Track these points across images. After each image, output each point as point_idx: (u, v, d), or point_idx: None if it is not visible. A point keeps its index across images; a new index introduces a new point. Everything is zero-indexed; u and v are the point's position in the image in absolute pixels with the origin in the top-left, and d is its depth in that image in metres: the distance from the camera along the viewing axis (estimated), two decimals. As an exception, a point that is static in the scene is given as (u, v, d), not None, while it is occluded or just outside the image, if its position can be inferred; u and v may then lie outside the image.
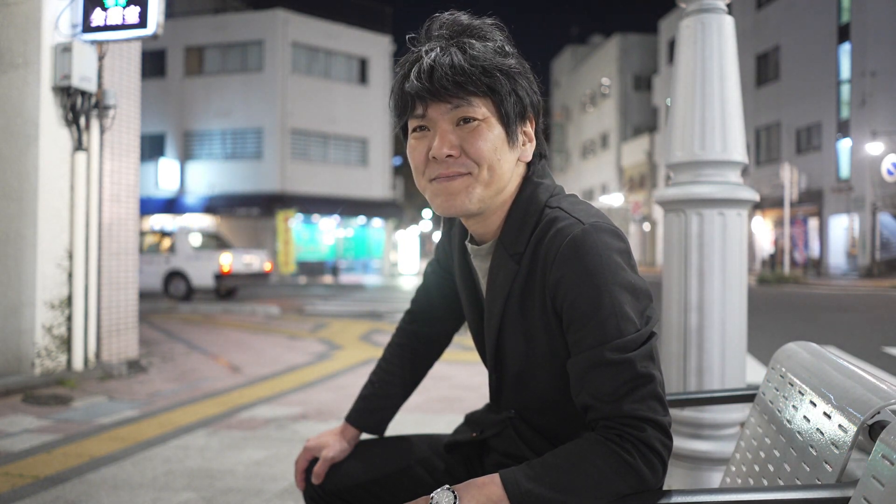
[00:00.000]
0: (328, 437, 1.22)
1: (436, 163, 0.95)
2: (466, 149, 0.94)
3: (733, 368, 1.99)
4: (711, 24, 2.00)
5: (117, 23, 4.80)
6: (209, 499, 2.56)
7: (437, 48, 0.94)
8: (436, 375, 5.01)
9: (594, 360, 0.88)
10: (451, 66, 0.91)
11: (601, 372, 0.87)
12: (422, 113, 0.95)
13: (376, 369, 1.30)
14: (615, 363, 0.87)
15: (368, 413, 1.26)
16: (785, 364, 1.16)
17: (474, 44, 0.94)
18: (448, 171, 0.95)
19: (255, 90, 23.86)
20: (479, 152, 0.94)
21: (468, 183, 0.95)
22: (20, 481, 2.72)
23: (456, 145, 0.94)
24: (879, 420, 0.86)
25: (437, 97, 0.93)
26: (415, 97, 0.94)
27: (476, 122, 0.94)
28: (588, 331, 0.89)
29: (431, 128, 0.96)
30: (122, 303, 5.37)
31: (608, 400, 0.87)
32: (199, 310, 10.98)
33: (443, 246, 1.26)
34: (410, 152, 0.99)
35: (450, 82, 0.91)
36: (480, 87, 0.93)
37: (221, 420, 3.76)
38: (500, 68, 0.94)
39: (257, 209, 23.47)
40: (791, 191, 21.10)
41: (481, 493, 0.86)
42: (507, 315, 1.02)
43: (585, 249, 0.89)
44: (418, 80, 0.93)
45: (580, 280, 0.89)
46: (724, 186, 1.96)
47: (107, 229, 5.21)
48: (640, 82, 38.01)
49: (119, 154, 5.35)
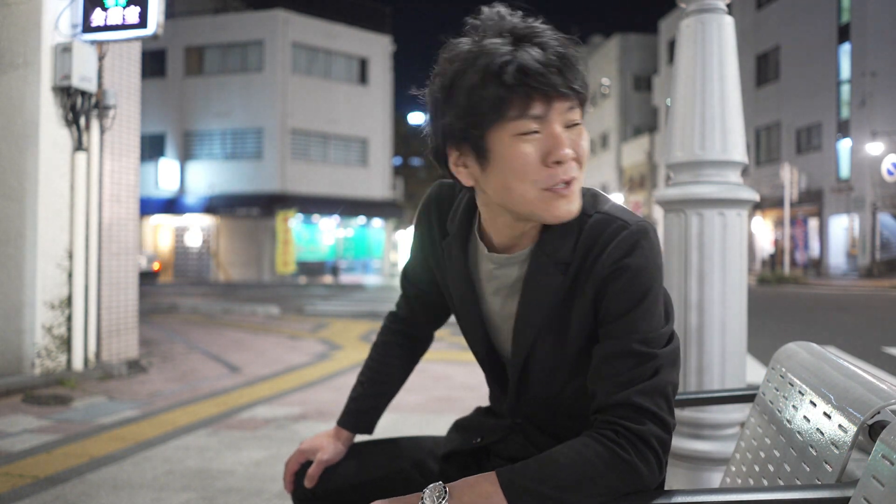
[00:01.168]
0: (323, 440, 1.20)
1: (558, 167, 0.88)
2: (578, 152, 0.91)
3: (733, 368, 1.99)
4: (711, 24, 2.00)
5: (117, 23, 4.80)
6: (209, 499, 2.56)
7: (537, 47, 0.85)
8: (436, 375, 5.01)
9: (621, 348, 0.90)
10: (571, 63, 0.86)
11: (623, 361, 0.89)
12: (540, 113, 0.86)
13: (364, 369, 1.28)
14: (639, 354, 0.89)
15: (361, 415, 1.24)
16: (785, 364, 1.16)
17: (566, 40, 0.89)
18: (569, 176, 0.89)
19: (255, 90, 23.86)
20: (585, 157, 0.92)
21: (577, 187, 0.92)
22: (20, 481, 2.72)
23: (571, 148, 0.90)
24: (879, 420, 0.86)
25: (561, 93, 0.86)
26: (537, 89, 0.84)
27: (580, 125, 0.91)
28: (622, 323, 0.91)
29: (543, 132, 0.88)
30: (122, 303, 5.37)
31: (620, 387, 0.88)
32: (199, 310, 10.98)
33: (422, 245, 1.17)
34: (518, 158, 0.87)
35: (576, 80, 0.87)
36: (587, 93, 0.90)
37: (221, 420, 3.76)
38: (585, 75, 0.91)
39: (257, 209, 23.47)
40: (791, 191, 21.10)
41: (473, 491, 0.85)
42: (546, 324, 0.99)
43: (637, 251, 0.91)
44: (546, 68, 0.84)
45: (629, 280, 0.91)
46: (724, 186, 1.96)
47: (107, 229, 5.21)
48: (640, 82, 38.00)
49: (119, 154, 5.35)
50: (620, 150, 38.43)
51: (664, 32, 33.82)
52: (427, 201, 1.14)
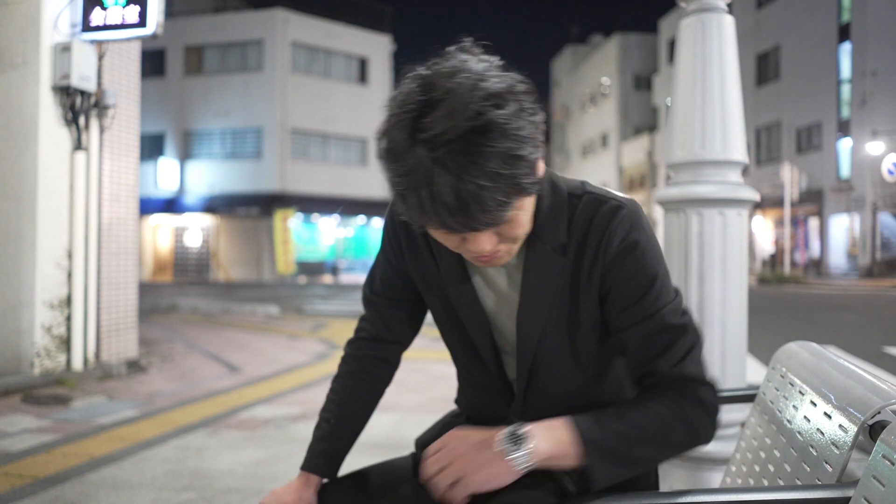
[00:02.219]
0: (288, 496, 1.07)
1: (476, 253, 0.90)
2: (506, 236, 0.89)
3: (733, 368, 1.98)
4: (711, 24, 2.00)
5: (117, 22, 4.80)
6: (209, 499, 2.56)
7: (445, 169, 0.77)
8: (436, 375, 5.01)
9: (658, 324, 0.94)
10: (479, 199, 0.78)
11: (663, 336, 0.94)
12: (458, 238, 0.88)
13: (328, 404, 1.18)
14: (674, 328, 0.94)
15: (329, 457, 1.13)
16: (785, 364, 1.16)
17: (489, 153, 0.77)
18: (488, 258, 0.91)
19: (254, 90, 23.85)
20: (518, 236, 0.91)
21: (509, 249, 0.93)
22: (20, 481, 2.72)
23: (495, 239, 0.89)
24: (880, 420, 0.85)
25: (470, 229, 0.83)
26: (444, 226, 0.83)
27: (510, 218, 0.86)
28: (646, 300, 0.94)
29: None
30: (121, 303, 5.37)
31: (671, 362, 0.93)
32: (199, 309, 10.98)
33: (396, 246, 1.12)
34: (440, 239, 0.90)
35: (489, 216, 0.80)
36: (504, 207, 0.81)
37: (221, 420, 3.76)
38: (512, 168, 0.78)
39: (257, 209, 23.47)
40: (791, 190, 21.10)
41: (551, 434, 0.88)
42: (551, 312, 0.99)
43: (637, 226, 0.94)
44: (451, 216, 0.80)
45: (642, 256, 0.94)
46: (724, 186, 1.96)
47: (106, 229, 5.20)
48: (640, 82, 37.99)
49: (118, 154, 5.35)
50: (620, 149, 38.43)
51: (664, 32, 33.81)
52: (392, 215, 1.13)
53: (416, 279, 1.13)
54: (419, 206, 0.80)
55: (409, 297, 1.16)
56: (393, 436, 3.23)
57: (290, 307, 12.10)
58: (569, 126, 47.93)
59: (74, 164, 4.87)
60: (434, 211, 0.79)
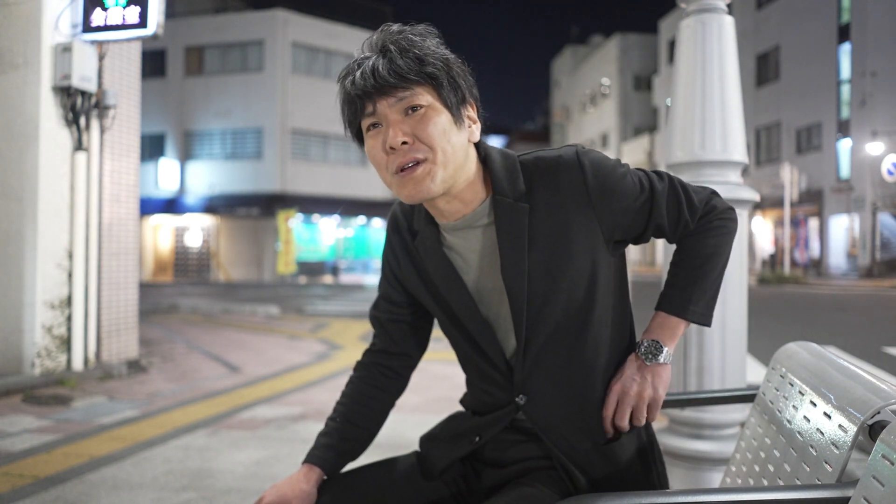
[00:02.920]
0: (289, 488, 1.09)
1: (394, 153, 1.00)
2: (418, 135, 0.99)
3: (733, 368, 1.99)
4: (711, 25, 2.00)
5: (117, 23, 4.80)
6: (209, 499, 2.56)
7: (373, 55, 1.01)
8: (436, 375, 5.01)
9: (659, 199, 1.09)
10: (389, 61, 0.99)
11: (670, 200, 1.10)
12: (372, 110, 1.00)
13: (337, 406, 1.21)
14: (668, 189, 1.10)
15: (331, 451, 1.15)
16: (785, 364, 1.16)
17: (412, 38, 1.01)
18: (406, 159, 1.00)
19: (255, 90, 23.85)
20: (431, 137, 0.99)
21: (428, 168, 1.00)
22: (20, 481, 2.72)
23: (409, 133, 0.99)
24: (879, 420, 0.86)
25: (383, 92, 0.99)
26: (363, 97, 1.00)
27: (422, 108, 0.99)
28: (637, 195, 1.07)
29: (383, 123, 1.01)
30: (121, 303, 5.37)
31: (689, 211, 1.11)
32: (199, 310, 10.98)
33: (395, 259, 1.20)
34: (369, 151, 1.04)
35: (392, 75, 0.98)
36: (420, 76, 0.99)
37: (221, 420, 3.76)
38: (434, 56, 1.00)
39: (257, 209, 23.47)
40: (791, 191, 21.09)
41: (666, 329, 1.11)
42: (532, 254, 1.05)
43: (592, 155, 1.06)
44: (362, 79, 0.99)
45: (610, 173, 1.06)
46: (724, 186, 1.96)
47: (107, 229, 5.21)
48: (640, 82, 37.99)
49: (119, 154, 5.35)
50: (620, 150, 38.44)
51: (664, 32, 33.81)
52: (392, 218, 1.21)
53: (413, 287, 1.17)
54: (353, 80, 1.00)
55: (411, 311, 1.22)
56: (393, 435, 3.24)
57: (290, 307, 12.10)
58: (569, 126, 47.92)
59: (75, 165, 4.87)
60: (361, 78, 0.98)
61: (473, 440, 1.13)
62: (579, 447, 1.06)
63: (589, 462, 1.06)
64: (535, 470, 1.10)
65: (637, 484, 1.08)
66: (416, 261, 1.15)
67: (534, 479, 1.07)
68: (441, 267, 1.11)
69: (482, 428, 1.13)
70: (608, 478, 1.06)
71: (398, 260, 1.19)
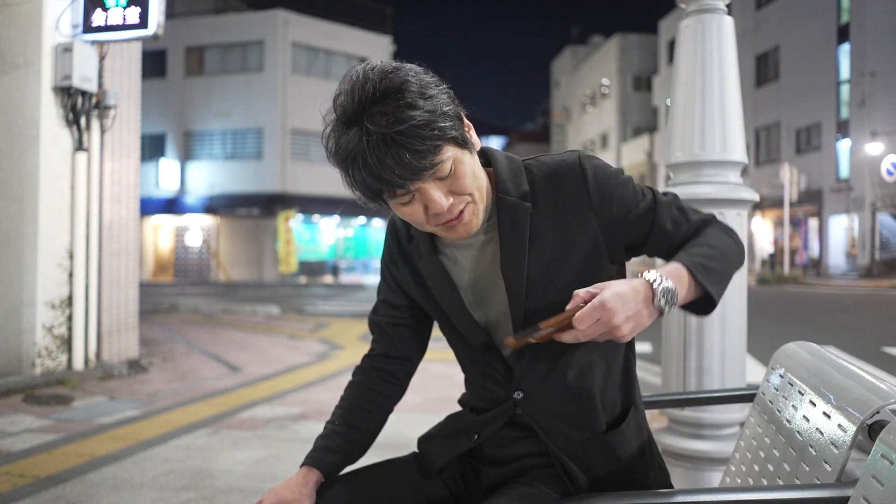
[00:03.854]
0: (287, 492, 1.09)
1: (438, 216, 0.99)
2: (456, 192, 0.99)
3: (733, 368, 1.99)
4: (711, 25, 2.00)
5: (118, 23, 4.80)
6: (209, 498, 2.57)
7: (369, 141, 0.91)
8: (436, 375, 5.01)
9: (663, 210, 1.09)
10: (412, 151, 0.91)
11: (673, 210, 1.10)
12: (403, 192, 0.96)
13: (336, 409, 1.21)
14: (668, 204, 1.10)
15: (331, 453, 1.15)
16: (785, 364, 1.16)
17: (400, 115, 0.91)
18: (453, 215, 0.99)
19: (255, 90, 23.85)
20: (467, 188, 0.99)
21: (472, 209, 1.01)
22: (21, 481, 2.73)
23: (447, 193, 0.98)
24: (879, 420, 0.86)
25: (412, 180, 0.94)
26: (391, 185, 0.94)
27: (450, 168, 0.97)
28: (638, 203, 1.08)
29: (417, 193, 0.97)
30: (122, 303, 5.37)
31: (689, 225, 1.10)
32: (199, 309, 10.98)
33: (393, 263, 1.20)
34: (406, 216, 1.01)
35: (417, 165, 0.92)
36: (435, 149, 0.93)
37: (222, 420, 3.77)
38: (430, 115, 0.92)
39: (257, 209, 23.47)
40: (791, 191, 21.10)
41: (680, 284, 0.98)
42: (532, 252, 1.05)
43: (595, 162, 1.08)
44: (388, 173, 0.92)
45: (612, 180, 1.07)
46: (723, 186, 1.96)
47: (107, 229, 5.21)
48: (640, 82, 37.98)
49: (119, 154, 5.36)
50: (620, 150, 38.43)
51: (664, 32, 33.81)
52: (390, 223, 1.22)
53: (410, 290, 1.18)
54: (365, 173, 0.93)
55: (411, 314, 1.22)
56: (393, 435, 3.24)
57: (290, 307, 12.10)
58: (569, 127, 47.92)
59: (76, 165, 4.88)
60: (377, 172, 0.92)
61: (472, 438, 1.13)
62: (575, 439, 1.06)
63: (587, 458, 1.06)
64: (533, 468, 1.10)
65: (636, 483, 1.09)
66: (412, 265, 1.16)
67: (533, 479, 1.07)
68: (434, 271, 1.12)
69: (481, 425, 1.13)
70: (607, 476, 1.07)
71: (396, 264, 1.20)
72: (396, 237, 1.19)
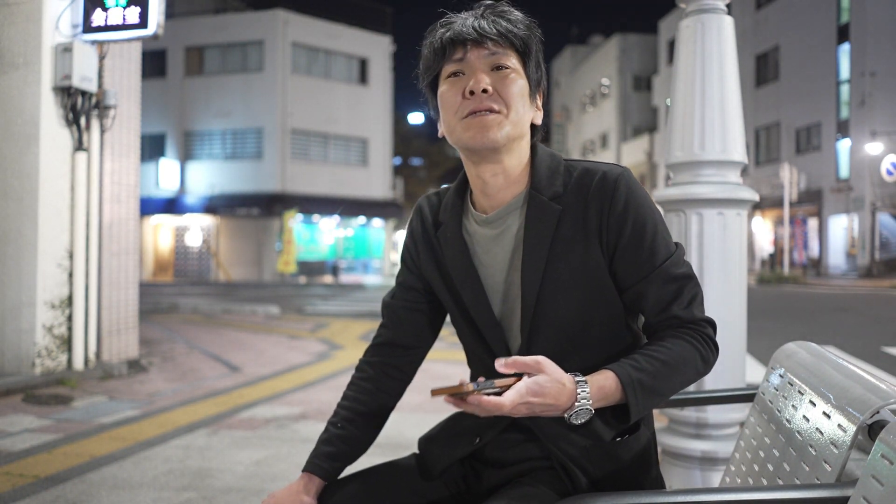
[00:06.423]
0: (288, 500, 1.08)
1: (471, 99, 1.03)
2: (500, 90, 1.03)
3: (733, 368, 1.99)
4: (711, 25, 2.00)
5: (118, 23, 4.80)
6: (209, 498, 2.57)
7: (478, 13, 1.05)
8: (436, 375, 5.01)
9: (667, 275, 1.04)
10: (493, 21, 1.03)
11: (672, 285, 1.04)
12: (461, 57, 1.04)
13: (338, 409, 1.20)
14: (681, 276, 1.05)
15: (332, 459, 1.15)
16: (784, 364, 1.16)
17: (513, 11, 1.07)
18: (481, 106, 1.03)
19: (255, 90, 23.84)
20: (511, 95, 1.04)
21: (499, 120, 1.04)
22: (21, 481, 2.73)
23: (491, 84, 1.03)
24: (879, 420, 0.86)
25: (478, 43, 1.03)
26: (455, 42, 1.03)
27: (509, 69, 1.04)
28: (649, 252, 1.04)
29: (467, 72, 1.04)
30: (122, 302, 5.37)
31: (682, 307, 1.05)
32: (199, 309, 10.98)
33: (415, 248, 1.21)
34: (444, 94, 1.06)
35: (493, 30, 1.03)
36: (517, 40, 1.04)
37: (222, 420, 3.77)
38: (534, 34, 1.07)
39: (257, 209, 23.47)
40: (790, 191, 21.10)
41: (607, 393, 0.97)
42: (552, 257, 1.06)
43: (634, 187, 1.05)
44: (462, 27, 1.03)
45: (638, 211, 1.04)
46: (723, 186, 1.96)
47: (107, 229, 5.21)
48: (640, 82, 37.98)
49: (119, 154, 5.36)
50: (620, 150, 38.43)
51: (664, 32, 33.81)
52: (417, 208, 1.23)
53: (430, 277, 1.19)
54: (449, 30, 1.04)
55: (426, 301, 1.22)
56: (393, 435, 3.24)
57: (290, 307, 12.10)
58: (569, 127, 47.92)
59: (75, 165, 4.87)
60: (460, 27, 1.03)
61: (474, 441, 1.13)
62: (578, 445, 1.06)
63: (588, 461, 1.06)
64: (535, 470, 1.10)
65: (637, 483, 1.08)
66: (436, 252, 1.17)
67: (534, 479, 1.07)
68: (459, 259, 1.13)
69: (483, 428, 1.12)
70: (608, 477, 1.06)
71: (418, 249, 1.20)
72: (422, 221, 1.20)
